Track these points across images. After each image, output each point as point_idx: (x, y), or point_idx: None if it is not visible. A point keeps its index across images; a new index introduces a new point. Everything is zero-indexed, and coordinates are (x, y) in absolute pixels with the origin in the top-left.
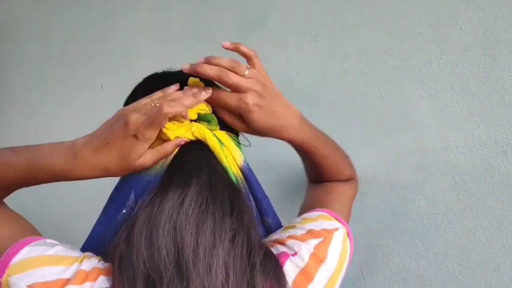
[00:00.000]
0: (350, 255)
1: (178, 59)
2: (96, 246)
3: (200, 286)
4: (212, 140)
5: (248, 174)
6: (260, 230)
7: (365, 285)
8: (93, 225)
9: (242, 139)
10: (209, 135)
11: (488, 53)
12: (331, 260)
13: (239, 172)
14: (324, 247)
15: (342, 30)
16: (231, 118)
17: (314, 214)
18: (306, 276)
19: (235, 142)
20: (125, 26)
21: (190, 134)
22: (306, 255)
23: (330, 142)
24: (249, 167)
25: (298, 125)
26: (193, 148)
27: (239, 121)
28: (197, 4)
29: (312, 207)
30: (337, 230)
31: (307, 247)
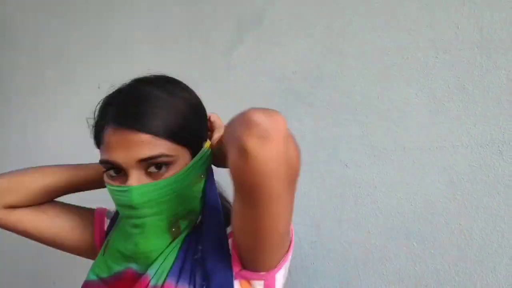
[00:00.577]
0: None
1: (174, 59)
2: None
3: None
4: None
5: None
6: None
7: (361, 286)
8: None
9: None
10: None
11: (484, 52)
12: None
13: None
14: None
15: (338, 29)
16: None
17: None
18: None
19: None
20: (121, 26)
21: None
22: None
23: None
24: None
25: None
26: None
27: None
28: (193, 4)
29: None
30: None
31: None
